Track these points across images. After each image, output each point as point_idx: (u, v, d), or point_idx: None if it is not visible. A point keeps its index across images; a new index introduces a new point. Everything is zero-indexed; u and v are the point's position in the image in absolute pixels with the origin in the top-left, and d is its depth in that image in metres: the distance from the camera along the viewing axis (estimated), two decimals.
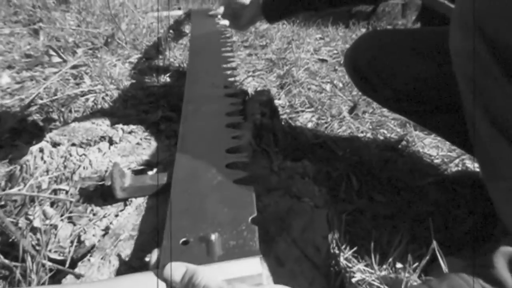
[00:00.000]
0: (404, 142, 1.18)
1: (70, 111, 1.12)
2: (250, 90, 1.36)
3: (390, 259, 0.74)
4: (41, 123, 1.07)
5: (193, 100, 0.73)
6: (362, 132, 1.26)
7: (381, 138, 1.23)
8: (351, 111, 1.35)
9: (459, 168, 1.08)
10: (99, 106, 1.12)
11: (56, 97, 1.13)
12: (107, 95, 1.14)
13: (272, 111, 0.82)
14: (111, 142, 0.72)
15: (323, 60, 1.80)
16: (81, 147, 0.73)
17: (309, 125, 1.28)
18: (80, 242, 0.56)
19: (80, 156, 0.69)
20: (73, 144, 0.74)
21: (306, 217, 0.61)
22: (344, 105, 1.41)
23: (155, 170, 0.63)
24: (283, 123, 1.27)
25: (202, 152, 0.60)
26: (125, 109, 1.02)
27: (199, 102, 0.72)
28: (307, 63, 1.70)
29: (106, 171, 0.66)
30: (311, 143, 1.18)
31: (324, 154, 1.14)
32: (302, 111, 1.35)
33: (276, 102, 1.39)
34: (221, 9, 1.22)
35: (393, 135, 1.24)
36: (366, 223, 0.86)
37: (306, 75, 1.59)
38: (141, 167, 0.66)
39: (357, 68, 0.91)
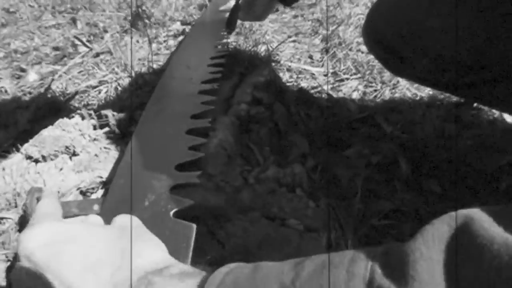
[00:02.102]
0: (473, 111, 0.93)
1: (84, 106, 1.05)
2: (283, 60, 1.18)
3: None
4: None
5: (159, 98, 0.59)
6: (419, 99, 1.02)
7: (446, 102, 0.99)
8: None
9: None
10: (111, 98, 1.03)
11: (67, 91, 1.06)
12: (119, 84, 1.05)
13: (274, 95, 0.65)
14: (74, 153, 0.61)
15: None
16: (44, 161, 0.63)
17: (354, 95, 1.08)
18: None
19: (36, 174, 0.59)
20: (43, 157, 0.65)
21: (289, 247, 0.44)
22: None
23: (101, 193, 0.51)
24: (322, 95, 1.08)
25: (148, 167, 0.47)
26: (125, 100, 0.91)
27: (165, 101, 0.58)
28: (360, 20, 1.45)
29: (58, 192, 0.55)
30: (353, 119, 0.98)
31: (368, 132, 0.94)
32: (347, 78, 1.14)
33: (317, 70, 1.19)
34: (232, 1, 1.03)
35: (461, 100, 0.99)
36: (406, 229, 0.66)
37: (357, 34, 1.35)
38: (91, 186, 0.54)
39: (379, 37, 0.69)
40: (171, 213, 0.41)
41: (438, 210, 0.73)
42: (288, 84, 1.04)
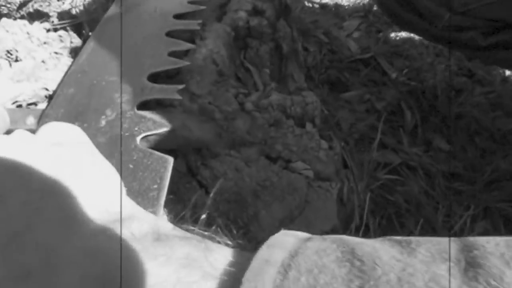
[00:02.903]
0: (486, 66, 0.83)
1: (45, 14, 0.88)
2: None
3: None
4: None
5: None
6: (427, 46, 0.91)
7: (458, 54, 0.88)
8: None
9: None
10: (76, 10, 0.87)
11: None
12: None
13: (278, 10, 0.52)
14: (16, 59, 0.47)
15: None
16: None
17: (356, 34, 0.95)
18: None
19: None
20: None
21: (294, 198, 0.34)
22: None
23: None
24: (321, 30, 0.95)
25: (109, 74, 0.34)
26: (92, 13, 0.75)
27: None
28: None
29: None
30: (354, 59, 0.86)
31: (371, 76, 0.83)
32: (349, 15, 1.01)
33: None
34: None
35: None
36: (414, 186, 0.57)
37: None
38: (33, 100, 0.41)
39: None
40: (138, 138, 0.29)
41: (446, 170, 0.64)
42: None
